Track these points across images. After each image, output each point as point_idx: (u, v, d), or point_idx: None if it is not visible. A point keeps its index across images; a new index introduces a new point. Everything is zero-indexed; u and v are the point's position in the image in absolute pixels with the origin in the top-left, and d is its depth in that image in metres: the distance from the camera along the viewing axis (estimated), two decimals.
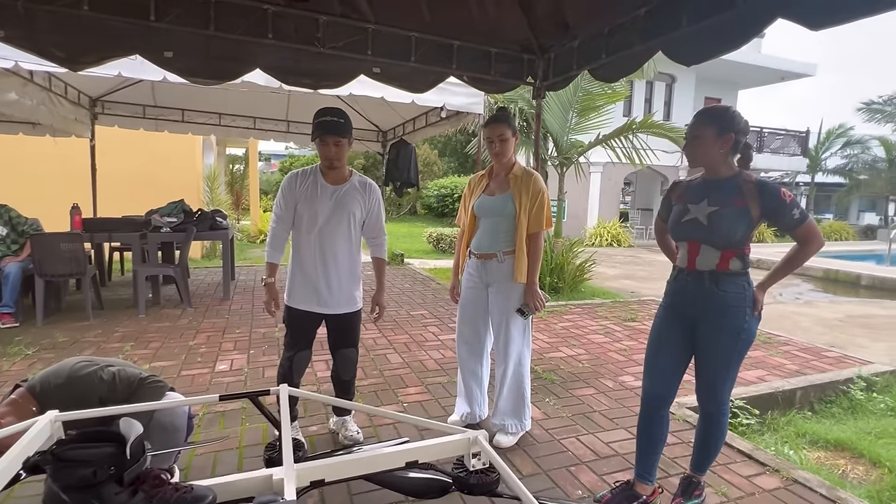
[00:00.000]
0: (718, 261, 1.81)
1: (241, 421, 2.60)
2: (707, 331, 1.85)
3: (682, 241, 1.92)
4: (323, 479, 1.30)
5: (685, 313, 1.92)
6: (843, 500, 2.06)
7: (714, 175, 1.86)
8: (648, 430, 2.01)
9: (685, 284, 1.91)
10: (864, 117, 19.36)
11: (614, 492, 2.02)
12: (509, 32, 2.88)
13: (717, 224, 1.79)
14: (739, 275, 1.81)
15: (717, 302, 1.82)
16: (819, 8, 1.54)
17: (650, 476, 2.00)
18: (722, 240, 1.79)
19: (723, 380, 1.88)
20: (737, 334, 1.81)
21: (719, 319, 1.82)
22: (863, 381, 3.55)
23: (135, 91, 6.02)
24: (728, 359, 1.84)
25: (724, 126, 1.79)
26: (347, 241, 2.32)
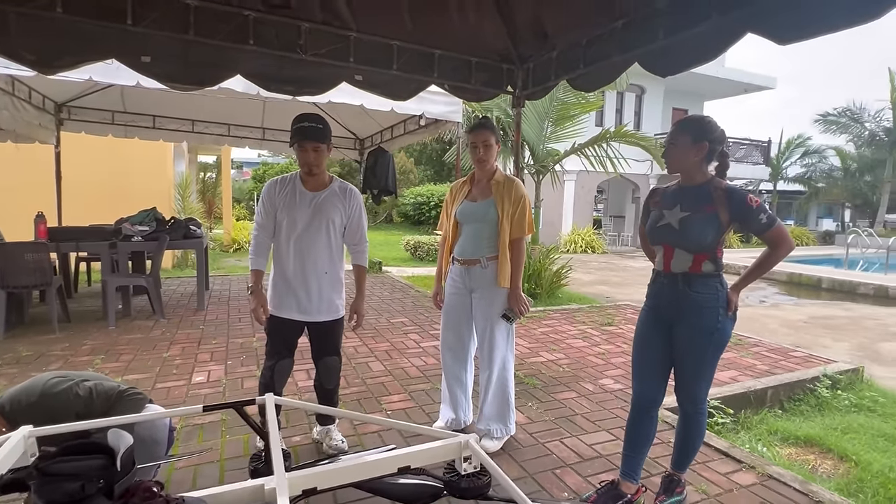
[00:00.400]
0: (691, 263, 1.88)
1: (220, 433, 2.54)
2: (682, 331, 1.91)
3: (658, 245, 1.99)
4: (315, 487, 1.28)
5: (663, 314, 1.98)
6: (815, 493, 2.14)
7: (689, 182, 1.94)
8: (637, 430, 2.05)
9: (662, 287, 1.98)
10: (821, 128, 20.35)
11: (600, 492, 2.05)
12: (489, 42, 2.94)
13: (688, 229, 1.86)
14: (712, 276, 1.88)
15: (690, 303, 1.88)
16: (786, 25, 1.63)
17: (635, 476, 2.04)
18: (693, 244, 1.86)
19: (698, 379, 1.94)
20: (710, 334, 1.87)
21: (693, 320, 1.88)
22: (828, 379, 3.71)
23: (103, 96, 5.86)
24: (702, 358, 1.90)
25: (698, 134, 1.87)
26: (327, 247, 2.30)
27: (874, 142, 19.50)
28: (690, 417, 2.00)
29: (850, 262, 11.94)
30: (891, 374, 4.30)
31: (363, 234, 2.40)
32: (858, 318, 6.59)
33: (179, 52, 2.36)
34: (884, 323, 6.36)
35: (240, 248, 11.75)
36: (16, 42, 2.10)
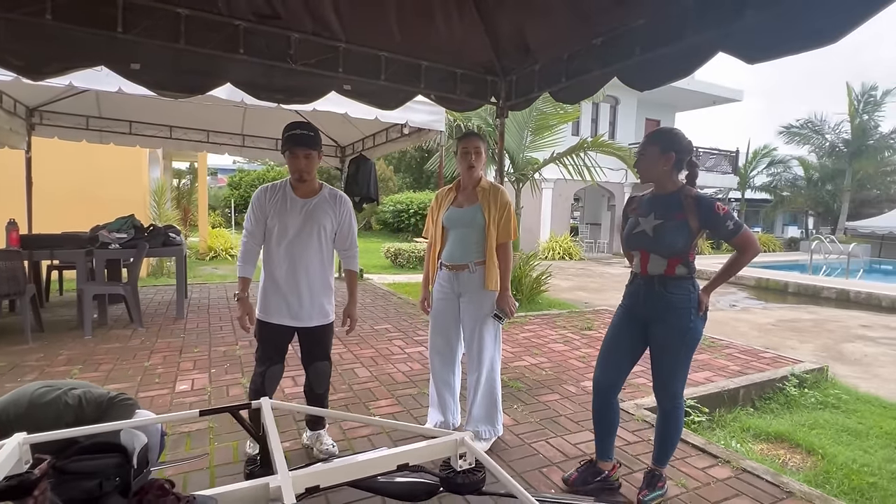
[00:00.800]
0: (666, 267, 2.01)
1: (209, 441, 2.53)
2: (658, 331, 2.04)
3: (635, 251, 2.12)
4: (318, 485, 1.32)
5: (639, 313, 2.11)
6: (786, 484, 2.26)
7: (661, 190, 2.07)
8: (602, 417, 2.22)
9: (639, 287, 2.11)
10: (785, 139, 21.26)
11: (580, 470, 2.22)
12: (474, 55, 3.03)
13: (661, 236, 2.00)
14: (685, 279, 2.00)
15: (665, 303, 2.01)
16: (754, 47, 1.76)
17: (609, 455, 2.23)
18: (665, 249, 2.00)
19: (674, 375, 2.06)
20: (683, 333, 1.99)
21: (668, 319, 2.01)
22: (795, 378, 3.89)
23: (78, 101, 5.73)
24: (677, 355, 2.02)
25: (665, 145, 2.01)
26: (318, 253, 2.33)
27: (834, 152, 20.49)
28: (669, 413, 2.11)
29: (814, 267, 12.48)
30: (853, 373, 4.53)
31: (353, 240, 2.44)
32: (822, 321, 6.90)
33: (170, 60, 2.36)
34: (846, 325, 6.67)
35: (216, 256, 11.57)
36: (3, 47, 2.08)
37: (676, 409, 2.10)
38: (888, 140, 19.32)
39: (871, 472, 2.68)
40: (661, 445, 2.16)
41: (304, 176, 2.28)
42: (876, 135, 19.37)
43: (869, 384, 4.23)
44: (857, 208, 20.68)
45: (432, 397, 2.68)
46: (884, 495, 2.47)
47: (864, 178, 20.38)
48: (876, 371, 4.66)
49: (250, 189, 22.24)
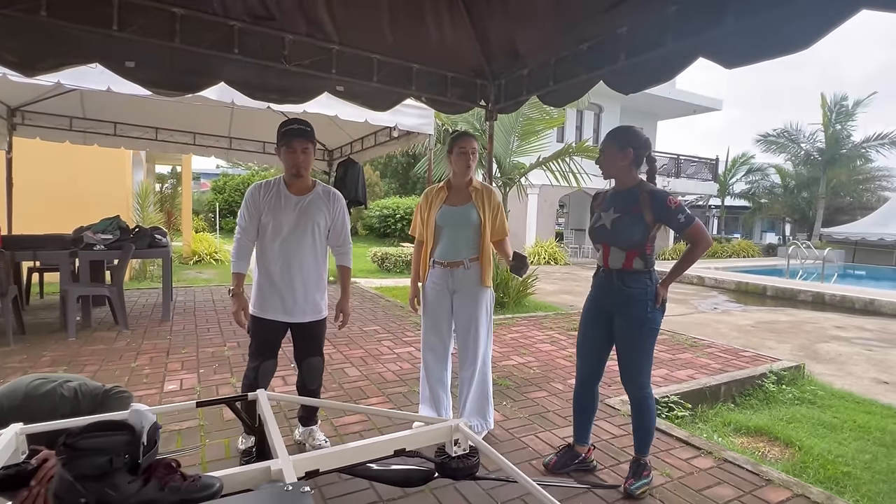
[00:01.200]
0: (624, 260, 2.11)
1: (199, 438, 2.53)
2: (619, 322, 2.15)
3: (598, 244, 2.23)
4: (317, 469, 1.35)
5: (603, 305, 2.22)
6: (765, 472, 2.35)
7: (621, 185, 2.19)
8: (581, 403, 2.35)
9: (602, 280, 2.22)
10: (762, 148, 21.84)
11: (559, 455, 2.35)
12: (465, 59, 3.11)
13: (618, 229, 2.11)
14: (642, 273, 2.10)
15: (624, 296, 2.12)
16: (732, 52, 1.86)
17: (585, 439, 2.35)
18: (623, 242, 2.10)
19: (637, 365, 2.14)
20: (641, 324, 2.09)
21: (627, 311, 2.11)
22: (774, 375, 4.02)
23: (61, 101, 5.67)
24: (639, 346, 2.11)
25: (623, 142, 2.13)
26: (312, 250, 2.36)
27: (809, 161, 21.10)
28: (638, 401, 2.19)
29: (791, 272, 12.82)
30: (828, 371, 4.69)
31: (347, 236, 2.48)
32: (799, 323, 7.10)
33: (165, 59, 2.39)
34: (821, 326, 6.88)
35: (200, 260, 11.43)
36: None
37: (646, 397, 2.18)
38: (860, 149, 19.98)
39: (845, 462, 2.79)
40: (638, 434, 2.23)
41: (302, 171, 2.31)
42: (848, 144, 20.02)
43: (843, 381, 4.39)
44: (832, 215, 21.30)
45: (424, 394, 2.72)
46: (857, 483, 2.58)
47: (837, 186, 21.01)
48: (850, 369, 4.83)
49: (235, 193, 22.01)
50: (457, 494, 2.05)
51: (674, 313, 7.42)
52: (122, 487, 0.96)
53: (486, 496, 2.05)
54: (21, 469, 1.42)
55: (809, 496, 2.16)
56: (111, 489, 0.95)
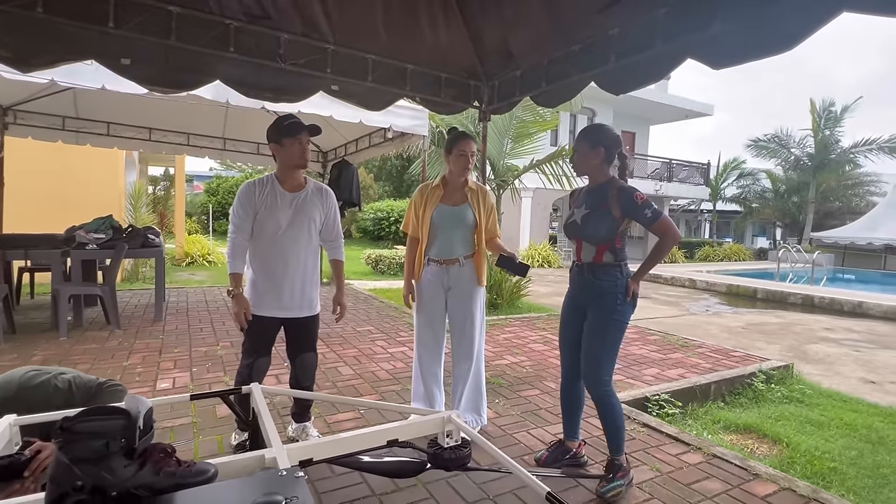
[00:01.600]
0: (594, 254, 2.16)
1: (193, 434, 2.53)
2: (590, 315, 2.18)
3: (572, 240, 2.28)
4: (311, 458, 1.37)
5: (577, 299, 2.27)
6: (753, 467, 2.39)
7: (594, 182, 2.24)
8: (567, 398, 2.38)
9: (575, 274, 2.27)
10: (753, 153, 22.08)
11: (550, 450, 2.39)
12: (458, 60, 3.14)
13: (587, 224, 2.17)
14: (612, 266, 2.14)
15: (594, 289, 2.16)
16: (718, 53, 1.90)
17: (575, 434, 2.39)
18: (591, 237, 2.16)
19: (599, 360, 2.13)
20: (609, 315, 2.12)
21: (597, 304, 2.15)
22: (763, 374, 4.07)
23: (54, 101, 5.64)
24: (603, 338, 2.12)
25: (594, 140, 2.19)
26: (308, 246, 2.39)
27: (799, 166, 21.34)
28: (601, 401, 2.15)
29: (781, 275, 12.96)
30: (817, 371, 4.75)
31: (339, 231, 2.53)
32: (789, 324, 7.19)
33: (161, 57, 2.39)
34: (810, 328, 6.97)
35: (193, 261, 11.39)
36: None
37: (607, 395, 2.14)
38: (848, 154, 20.25)
39: (831, 458, 2.84)
40: (608, 434, 2.19)
41: (306, 162, 2.37)
42: (837, 149, 20.28)
43: (831, 381, 4.45)
44: (822, 219, 21.55)
45: (417, 390, 2.73)
46: (843, 478, 2.63)
47: (827, 191, 21.27)
48: (837, 369, 4.90)
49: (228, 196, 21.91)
50: (449, 488, 2.07)
51: (665, 315, 7.48)
52: (118, 471, 0.97)
53: (479, 490, 2.07)
54: (14, 460, 1.43)
55: (796, 490, 2.20)
56: (107, 472, 0.96)
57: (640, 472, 2.32)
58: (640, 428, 2.81)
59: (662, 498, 2.11)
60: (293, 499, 0.98)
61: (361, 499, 1.99)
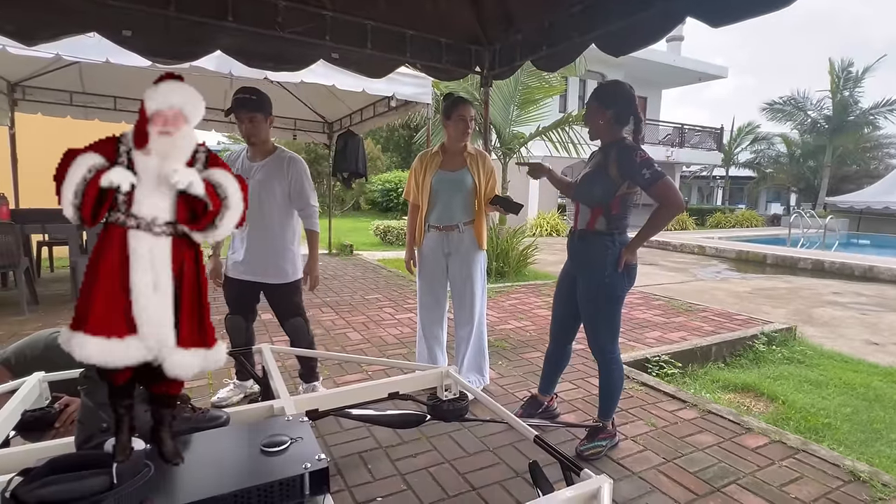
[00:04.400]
0: (589, 219, 2.07)
1: (208, 395, 2.66)
2: (580, 283, 2.16)
3: (574, 203, 2.20)
4: (317, 408, 1.46)
5: (570, 267, 2.25)
6: (746, 422, 2.47)
7: (602, 143, 2.15)
8: (553, 358, 2.44)
9: (570, 241, 2.25)
10: (768, 116, 21.49)
11: (524, 406, 2.48)
12: (459, 25, 3.11)
13: (583, 184, 2.11)
14: (603, 234, 2.04)
15: (584, 257, 2.13)
16: (717, 9, 1.89)
17: (549, 390, 2.47)
18: (584, 197, 2.08)
19: (597, 328, 2.12)
20: (598, 286, 2.06)
21: (585, 273, 2.12)
22: (765, 336, 4.12)
23: (60, 76, 5.69)
24: (595, 308, 2.09)
25: (604, 99, 2.10)
26: (271, 215, 2.43)
27: (816, 129, 20.77)
28: (602, 366, 2.18)
29: (793, 241, 12.83)
30: (820, 333, 4.79)
31: (307, 198, 2.49)
32: (797, 289, 7.18)
33: (161, 27, 2.41)
34: (818, 292, 6.96)
35: None
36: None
37: (609, 362, 2.14)
38: (868, 116, 19.64)
39: (826, 414, 2.91)
40: (601, 398, 2.22)
41: (252, 139, 2.40)
42: (856, 111, 19.68)
43: (834, 343, 4.49)
44: (838, 184, 21.10)
45: (421, 352, 2.84)
46: (835, 433, 2.70)
47: (844, 154, 20.76)
48: (842, 332, 4.93)
49: None
50: (451, 441, 2.18)
51: (672, 281, 7.51)
52: (139, 415, 1.07)
53: (479, 442, 2.18)
54: (45, 413, 1.55)
55: (786, 442, 2.29)
56: None
57: (635, 427, 2.42)
58: (639, 387, 2.90)
59: (655, 450, 2.21)
60: (298, 439, 1.07)
61: (369, 451, 2.11)
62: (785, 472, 2.06)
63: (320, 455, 1.01)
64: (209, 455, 1.04)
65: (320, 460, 0.99)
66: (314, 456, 1.00)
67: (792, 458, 2.16)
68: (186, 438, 1.09)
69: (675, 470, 2.06)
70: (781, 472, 2.06)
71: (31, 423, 1.51)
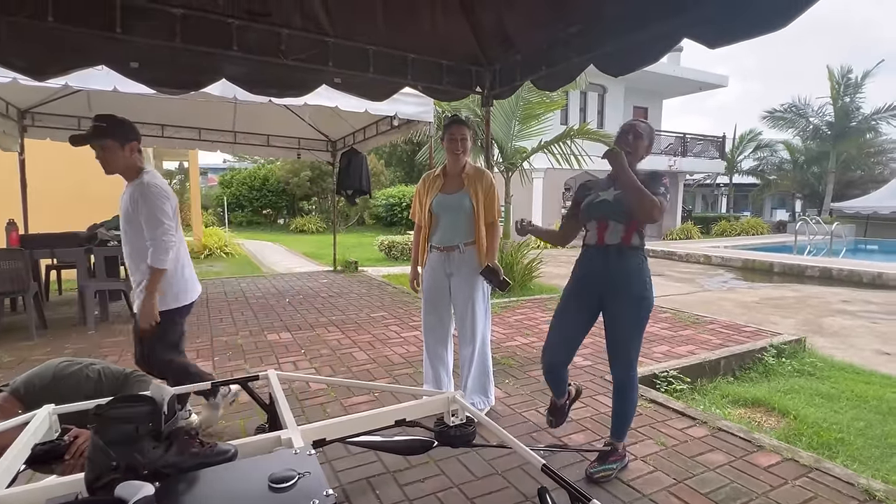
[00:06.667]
0: (623, 235, 2.07)
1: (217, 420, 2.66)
2: (614, 300, 2.09)
3: (592, 221, 2.17)
4: (324, 438, 1.46)
5: (594, 285, 2.14)
6: (757, 439, 2.44)
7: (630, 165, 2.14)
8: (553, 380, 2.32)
9: (593, 258, 2.15)
10: (769, 124, 21.51)
11: (550, 414, 2.42)
12: (459, 47, 3.15)
13: (621, 200, 2.07)
14: (639, 249, 2.10)
15: (622, 273, 2.07)
16: (712, 32, 1.91)
17: (564, 392, 2.38)
18: (622, 213, 2.07)
19: (631, 344, 2.10)
20: (640, 301, 2.06)
21: (624, 288, 2.07)
22: (774, 349, 4.08)
23: (69, 102, 5.81)
24: (635, 323, 2.08)
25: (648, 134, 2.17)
26: (130, 243, 2.38)
27: (818, 135, 20.76)
28: (625, 384, 2.14)
29: (800, 248, 12.75)
30: (831, 344, 4.74)
31: (154, 230, 2.28)
32: (805, 298, 7.12)
33: (167, 58, 2.47)
34: (827, 301, 6.90)
35: (211, 254, 11.65)
36: (7, 49, 2.18)
37: (632, 379, 2.13)
38: (870, 121, 19.62)
39: (839, 429, 2.87)
40: (618, 420, 2.18)
41: (105, 168, 2.35)
42: (858, 116, 19.66)
43: (844, 353, 4.44)
44: (843, 189, 21.00)
45: (427, 374, 2.83)
46: (849, 449, 2.66)
47: (847, 160, 20.70)
48: (852, 342, 4.87)
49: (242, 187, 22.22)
50: (459, 465, 2.17)
51: (679, 292, 7.47)
52: (147, 452, 1.07)
53: (488, 465, 2.17)
54: (55, 445, 1.56)
55: (799, 460, 2.25)
56: (139, 453, 1.06)
57: (646, 447, 2.39)
58: (648, 404, 2.88)
59: (666, 470, 2.19)
60: (306, 473, 1.07)
61: (376, 476, 2.10)
62: (798, 492, 2.03)
63: (328, 490, 1.01)
64: (218, 493, 1.05)
65: (328, 496, 0.99)
66: (322, 492, 1.00)
67: (805, 477, 2.13)
68: (195, 475, 1.10)
69: (686, 491, 2.03)
70: (795, 492, 2.03)
71: (41, 455, 1.52)
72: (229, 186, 22.38)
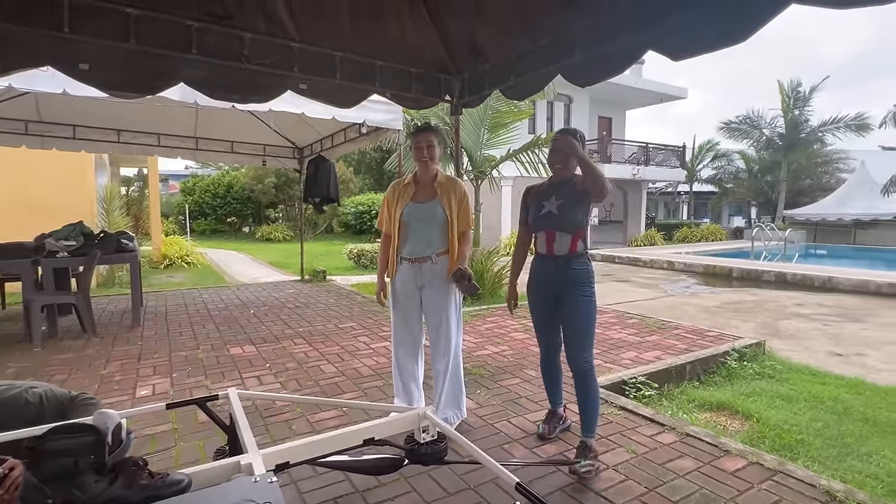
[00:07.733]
0: (570, 244, 2.32)
1: (174, 441, 2.52)
2: (568, 301, 2.33)
3: (541, 231, 2.40)
4: (288, 461, 1.39)
5: (551, 288, 2.40)
6: (724, 444, 2.49)
7: (560, 178, 2.40)
8: (547, 372, 2.62)
9: (546, 266, 2.41)
10: (726, 135, 22.46)
11: (545, 421, 2.62)
12: (428, 55, 3.13)
13: (564, 213, 2.32)
14: (583, 255, 2.35)
15: (570, 278, 2.32)
16: (676, 45, 1.95)
17: (560, 400, 2.66)
18: (568, 225, 2.31)
19: (586, 338, 2.33)
20: (588, 299, 2.32)
21: (573, 289, 2.32)
22: (736, 353, 4.20)
23: (15, 105, 5.45)
24: (587, 320, 2.32)
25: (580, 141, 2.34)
26: None
27: (771, 146, 21.80)
28: (585, 373, 2.31)
29: (756, 253, 13.29)
30: (788, 347, 4.92)
31: None
32: (762, 302, 7.40)
33: (120, 61, 2.35)
34: (783, 304, 7.19)
35: (171, 263, 11.21)
36: None
37: (590, 370, 2.32)
38: (817, 133, 20.74)
39: (798, 430, 2.96)
40: (587, 413, 2.33)
41: None
42: (806, 128, 20.75)
43: (800, 355, 4.61)
44: (794, 197, 22.07)
45: (397, 388, 2.76)
46: (809, 449, 2.75)
47: (798, 170, 21.79)
48: (807, 344, 5.08)
49: (205, 195, 21.55)
50: (430, 481, 2.11)
51: (645, 297, 7.64)
52: (88, 488, 0.98)
53: (460, 480, 2.12)
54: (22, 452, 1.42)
55: (763, 463, 2.30)
56: (78, 490, 0.97)
57: (616, 455, 2.39)
58: (618, 411, 2.89)
59: (637, 478, 2.19)
60: None
61: (345, 496, 2.01)
62: (764, 496, 2.06)
63: None
64: None
65: None
66: None
67: (770, 481, 2.17)
68: None
69: (657, 499, 2.03)
70: (761, 496, 2.06)
71: None
72: (192, 194, 21.67)
